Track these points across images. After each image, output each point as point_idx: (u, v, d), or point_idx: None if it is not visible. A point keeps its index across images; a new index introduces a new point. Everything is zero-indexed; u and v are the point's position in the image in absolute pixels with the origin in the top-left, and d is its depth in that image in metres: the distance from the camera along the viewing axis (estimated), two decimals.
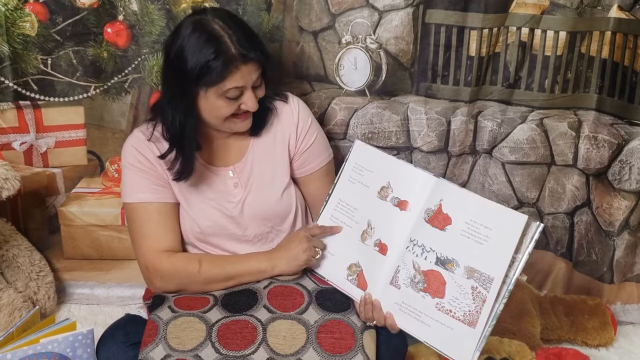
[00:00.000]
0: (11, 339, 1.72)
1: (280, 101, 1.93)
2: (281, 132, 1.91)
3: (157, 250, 1.82)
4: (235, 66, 1.68)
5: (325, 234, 1.83)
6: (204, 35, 1.68)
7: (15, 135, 2.26)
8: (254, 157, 1.90)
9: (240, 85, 1.71)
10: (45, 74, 2.19)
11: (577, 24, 2.15)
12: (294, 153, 1.93)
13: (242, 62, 1.69)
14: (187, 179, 1.81)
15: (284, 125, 1.91)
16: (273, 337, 1.64)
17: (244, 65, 1.69)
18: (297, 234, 1.82)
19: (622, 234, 2.29)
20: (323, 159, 1.96)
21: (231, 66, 1.68)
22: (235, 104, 1.75)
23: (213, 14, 1.74)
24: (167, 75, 1.79)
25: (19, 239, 2.29)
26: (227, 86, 1.70)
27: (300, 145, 1.92)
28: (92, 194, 2.34)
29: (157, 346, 1.61)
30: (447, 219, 1.65)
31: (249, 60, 1.70)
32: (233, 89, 1.71)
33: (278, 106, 1.92)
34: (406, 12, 2.14)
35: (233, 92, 1.72)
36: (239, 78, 1.70)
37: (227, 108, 1.74)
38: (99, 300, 2.40)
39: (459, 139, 2.23)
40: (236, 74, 1.69)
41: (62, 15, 2.14)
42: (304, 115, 1.93)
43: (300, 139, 1.92)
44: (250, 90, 1.74)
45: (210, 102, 1.73)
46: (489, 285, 1.58)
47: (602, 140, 2.20)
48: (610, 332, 2.23)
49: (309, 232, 1.82)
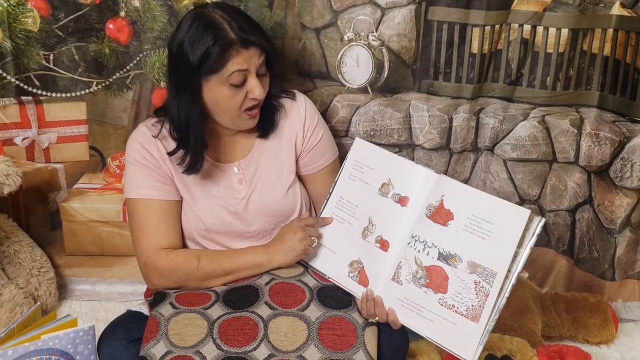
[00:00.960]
0: (12, 335, 1.72)
1: (288, 98, 1.93)
2: (288, 130, 1.91)
3: (156, 248, 1.81)
4: (236, 50, 1.68)
5: (318, 225, 1.84)
6: (203, 24, 1.70)
7: (17, 130, 2.26)
8: (260, 154, 1.90)
9: (243, 69, 1.70)
10: (48, 69, 2.19)
11: (579, 21, 2.14)
12: (301, 151, 1.93)
13: (242, 46, 1.69)
14: (197, 172, 1.81)
15: (291, 122, 1.91)
16: (274, 334, 1.64)
17: (244, 49, 1.69)
18: (290, 225, 1.83)
19: (624, 231, 2.29)
20: (329, 157, 1.96)
21: (231, 50, 1.68)
22: (242, 92, 1.73)
23: (213, 6, 1.76)
24: (172, 70, 1.80)
25: (21, 235, 2.29)
26: (230, 70, 1.69)
27: (307, 144, 1.92)
28: (94, 190, 2.34)
29: (159, 342, 1.61)
30: (449, 215, 1.65)
31: (249, 44, 1.70)
32: (236, 72, 1.70)
33: (285, 104, 1.92)
34: (408, 9, 2.14)
35: (236, 77, 1.70)
36: (240, 61, 1.69)
37: (234, 98, 1.73)
38: (101, 296, 2.40)
39: (460, 136, 2.23)
40: (237, 57, 1.69)
41: (64, 11, 2.13)
42: (311, 113, 1.93)
43: (307, 137, 1.92)
44: (254, 76, 1.73)
45: (215, 92, 1.73)
46: (492, 280, 1.58)
47: (604, 137, 2.20)
48: (611, 330, 2.23)
49: (303, 222, 1.82)
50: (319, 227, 1.85)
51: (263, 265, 1.80)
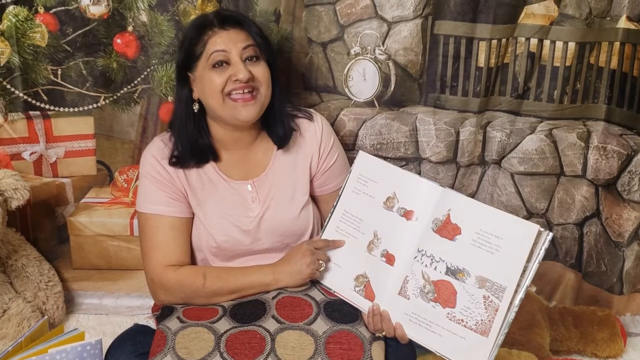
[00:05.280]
0: (20, 349, 1.72)
1: (305, 119, 1.93)
2: (304, 150, 1.91)
3: (164, 264, 1.81)
4: (212, 30, 1.75)
5: (329, 248, 1.82)
6: (193, 22, 1.82)
7: (25, 145, 2.27)
8: (274, 173, 1.89)
9: (221, 49, 1.74)
10: (55, 84, 2.20)
11: (586, 34, 2.15)
12: (315, 172, 1.93)
13: (219, 27, 1.75)
14: (182, 166, 1.83)
15: (307, 143, 1.91)
16: (282, 348, 1.63)
17: (222, 30, 1.75)
18: (300, 247, 1.81)
19: (632, 244, 2.28)
20: (343, 178, 1.94)
21: (207, 30, 1.75)
22: (225, 74, 1.75)
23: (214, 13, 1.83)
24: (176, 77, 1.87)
25: (28, 249, 2.29)
26: (209, 51, 1.74)
27: (322, 165, 1.92)
28: (101, 204, 2.34)
29: (166, 356, 1.60)
30: (457, 229, 1.65)
31: (227, 25, 1.76)
32: (215, 52, 1.74)
33: (302, 124, 1.92)
34: (415, 24, 2.14)
35: (216, 57, 1.74)
36: (219, 42, 1.74)
37: (217, 79, 1.75)
38: (108, 310, 2.40)
39: (467, 150, 2.23)
40: (214, 37, 1.75)
41: (72, 26, 2.15)
42: (327, 135, 1.93)
43: (322, 158, 1.92)
44: (238, 58, 1.75)
45: (202, 80, 1.77)
46: (501, 295, 1.57)
47: (611, 150, 2.20)
48: (619, 344, 2.22)
49: (313, 245, 1.81)
50: (330, 249, 1.83)
51: (269, 285, 1.79)
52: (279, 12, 2.15)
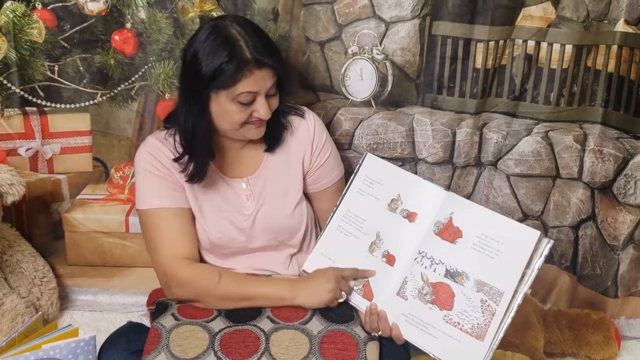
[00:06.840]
0: (13, 345, 1.72)
1: (297, 116, 1.92)
2: (296, 148, 1.90)
3: (176, 257, 1.78)
4: (249, 70, 1.67)
5: (357, 277, 1.78)
6: (220, 39, 1.68)
7: (21, 141, 2.26)
8: (268, 170, 1.89)
9: (254, 91, 1.69)
10: (52, 80, 2.19)
11: (584, 37, 2.15)
12: (308, 169, 1.92)
13: (256, 67, 1.67)
14: (199, 182, 1.80)
15: (299, 140, 1.91)
16: (276, 347, 1.63)
17: (258, 70, 1.68)
18: (326, 272, 1.77)
19: (627, 248, 2.29)
20: (336, 175, 1.95)
21: (245, 70, 1.66)
22: (248, 111, 1.73)
23: (232, 20, 1.73)
24: (183, 78, 1.79)
25: (23, 245, 2.29)
26: (240, 90, 1.68)
27: (314, 162, 1.92)
28: (97, 201, 2.34)
29: (160, 354, 1.60)
30: (458, 232, 1.65)
31: (263, 66, 1.68)
32: (245, 93, 1.69)
33: (294, 121, 1.91)
34: (413, 24, 2.14)
35: (245, 97, 1.70)
36: (252, 83, 1.68)
37: (239, 114, 1.72)
38: (102, 307, 2.40)
39: (464, 151, 2.23)
40: (249, 77, 1.67)
41: (69, 23, 2.15)
42: (320, 132, 1.93)
43: (315, 155, 1.91)
44: (263, 97, 1.72)
45: (222, 106, 1.72)
46: (498, 299, 1.58)
47: (608, 154, 2.20)
48: (614, 347, 2.22)
49: (340, 272, 1.77)
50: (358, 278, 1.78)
51: (285, 299, 1.74)
52: (277, 10, 2.15)
